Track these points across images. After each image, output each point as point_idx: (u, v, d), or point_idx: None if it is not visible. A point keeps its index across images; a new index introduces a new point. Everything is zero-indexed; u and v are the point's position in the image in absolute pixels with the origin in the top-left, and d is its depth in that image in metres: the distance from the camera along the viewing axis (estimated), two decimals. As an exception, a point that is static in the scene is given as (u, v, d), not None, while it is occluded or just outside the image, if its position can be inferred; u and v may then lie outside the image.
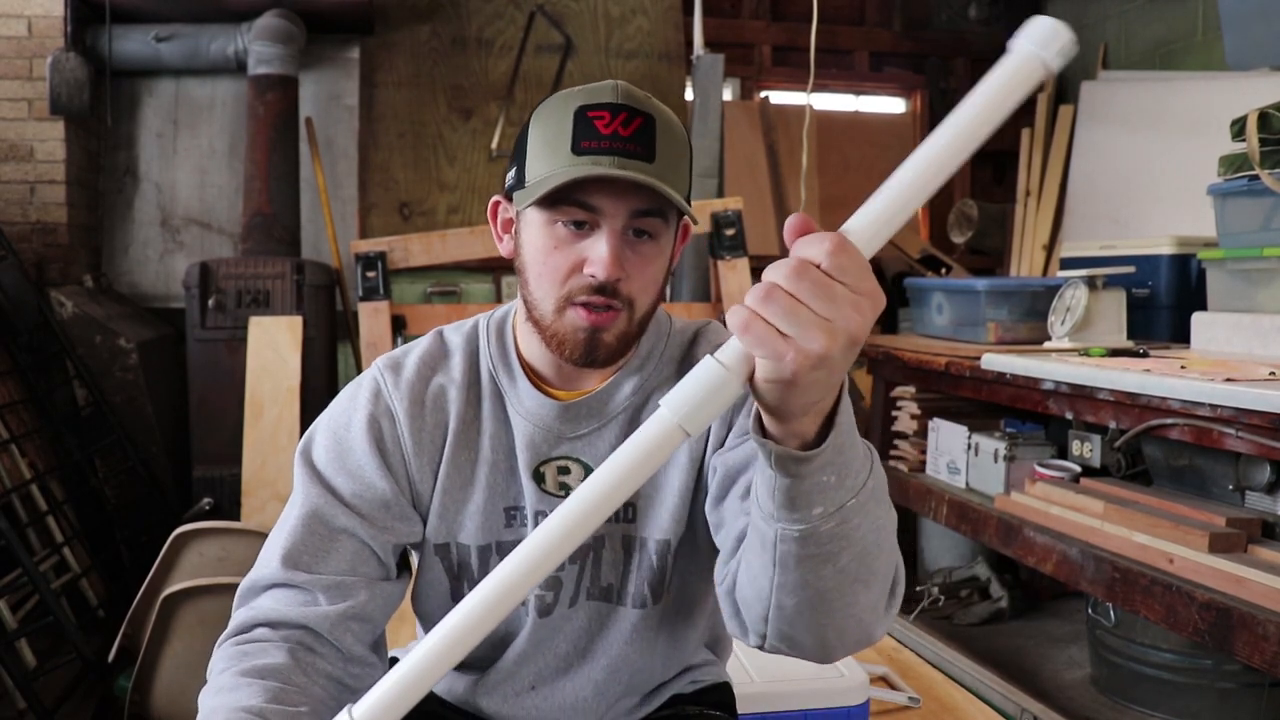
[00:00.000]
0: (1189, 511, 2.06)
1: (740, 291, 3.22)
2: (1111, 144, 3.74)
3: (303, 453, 1.05)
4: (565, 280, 0.96)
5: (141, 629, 2.32)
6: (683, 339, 1.10)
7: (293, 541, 0.99)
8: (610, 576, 1.06)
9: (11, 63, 3.42)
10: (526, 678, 1.09)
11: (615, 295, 0.95)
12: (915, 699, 1.94)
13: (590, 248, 0.95)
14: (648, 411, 1.05)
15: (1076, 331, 2.76)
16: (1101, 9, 4.19)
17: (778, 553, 0.78)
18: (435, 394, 1.05)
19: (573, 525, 0.74)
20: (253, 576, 1.01)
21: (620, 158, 0.92)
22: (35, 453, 2.99)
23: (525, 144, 0.98)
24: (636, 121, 0.94)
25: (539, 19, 4.00)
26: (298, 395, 3.01)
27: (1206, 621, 1.83)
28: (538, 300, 0.98)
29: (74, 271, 3.47)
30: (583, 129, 0.93)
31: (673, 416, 0.70)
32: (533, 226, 0.97)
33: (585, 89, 0.97)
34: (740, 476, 0.96)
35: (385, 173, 3.88)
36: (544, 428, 1.04)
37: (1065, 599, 3.30)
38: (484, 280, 3.92)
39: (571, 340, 0.96)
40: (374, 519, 1.01)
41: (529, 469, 1.04)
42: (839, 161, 4.42)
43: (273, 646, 0.95)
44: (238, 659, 0.94)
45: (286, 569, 0.98)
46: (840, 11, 4.45)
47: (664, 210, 0.96)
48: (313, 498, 1.01)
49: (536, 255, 0.97)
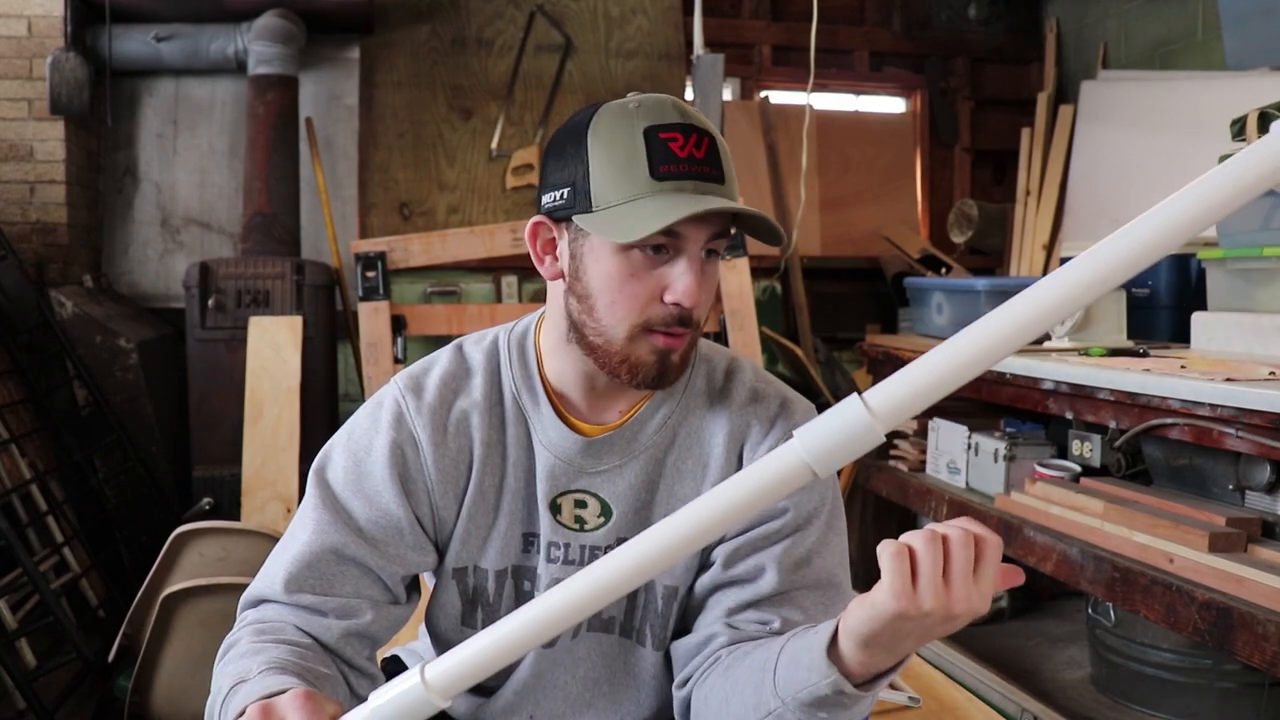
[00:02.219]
0: (1189, 511, 2.06)
1: (741, 291, 3.23)
2: (1111, 144, 3.74)
3: (318, 471, 1.02)
4: (644, 308, 0.94)
5: (141, 629, 2.31)
6: (711, 371, 1.07)
7: (299, 569, 0.97)
8: (613, 610, 1.04)
9: (11, 63, 3.42)
10: (526, 711, 1.07)
11: (689, 322, 0.95)
12: (915, 699, 1.94)
13: (670, 275, 0.93)
14: (674, 451, 1.03)
15: (1076, 331, 2.76)
16: (1101, 9, 4.18)
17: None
18: (459, 419, 1.02)
19: (670, 545, 0.73)
20: (258, 589, 0.99)
21: (699, 181, 0.91)
22: (35, 453, 2.99)
23: (584, 164, 0.92)
24: (706, 142, 0.92)
25: (539, 19, 4.00)
26: (298, 395, 3.01)
27: (1206, 621, 1.83)
28: (607, 327, 0.95)
29: (74, 271, 3.47)
30: (659, 152, 0.91)
31: (803, 453, 0.68)
32: (602, 253, 0.94)
33: (642, 105, 0.93)
34: (731, 587, 1.00)
35: (385, 173, 3.88)
36: (565, 460, 1.02)
37: (1065, 599, 3.29)
38: (484, 280, 3.92)
39: (645, 365, 0.95)
40: (386, 547, 0.99)
41: (546, 500, 1.02)
42: (839, 161, 4.42)
43: (289, 627, 0.95)
44: (256, 634, 0.92)
45: (290, 593, 0.96)
46: (840, 11, 4.45)
47: (728, 230, 0.96)
48: (324, 525, 0.98)
49: (609, 283, 0.94)
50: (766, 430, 1.04)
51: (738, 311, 3.19)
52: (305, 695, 0.76)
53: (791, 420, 1.04)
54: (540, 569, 1.03)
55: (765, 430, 1.04)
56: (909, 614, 0.74)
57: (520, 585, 1.04)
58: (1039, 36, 4.51)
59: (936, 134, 4.57)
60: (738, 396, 1.05)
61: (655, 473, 1.03)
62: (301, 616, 0.96)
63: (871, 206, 4.44)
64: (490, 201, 3.94)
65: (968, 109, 4.57)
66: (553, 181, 0.96)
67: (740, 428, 1.03)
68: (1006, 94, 4.58)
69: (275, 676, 0.83)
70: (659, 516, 1.02)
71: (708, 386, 1.05)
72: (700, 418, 1.04)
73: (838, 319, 4.29)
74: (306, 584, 0.96)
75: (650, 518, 1.03)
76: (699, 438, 1.04)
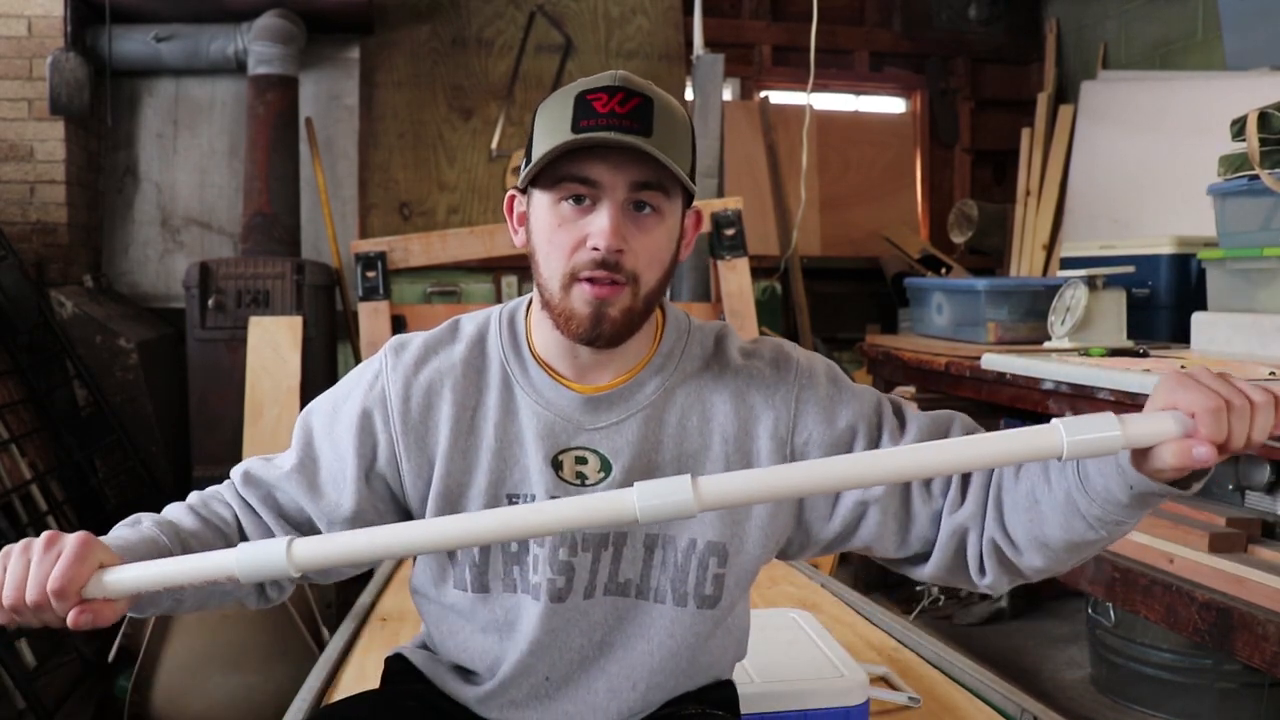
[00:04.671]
0: (1189, 511, 2.06)
1: (740, 291, 3.22)
2: (1111, 144, 3.74)
3: (305, 414, 1.12)
4: (570, 256, 0.98)
5: (141, 629, 2.32)
6: (704, 338, 1.10)
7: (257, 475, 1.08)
8: (629, 572, 1.06)
9: (11, 63, 3.42)
10: (541, 671, 1.08)
11: (619, 269, 0.97)
12: (915, 699, 1.94)
13: (591, 222, 0.97)
14: (671, 409, 1.06)
15: (1076, 331, 2.76)
16: (1101, 9, 4.19)
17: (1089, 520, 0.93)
18: (432, 378, 1.07)
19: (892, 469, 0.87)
20: (235, 470, 1.10)
21: (617, 132, 0.95)
22: (35, 453, 2.99)
23: (531, 133, 1.01)
24: (634, 101, 0.97)
25: (539, 19, 4.00)
26: (298, 395, 3.01)
27: (1206, 621, 1.83)
28: (546, 279, 1.00)
29: (74, 271, 3.47)
30: (582, 109, 0.96)
31: (1065, 436, 0.82)
32: (539, 208, 1.00)
33: (589, 78, 1.00)
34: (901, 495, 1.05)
35: (385, 173, 3.88)
36: (564, 417, 1.05)
37: (1065, 599, 3.29)
38: (484, 280, 3.92)
39: (578, 316, 0.98)
40: (328, 494, 1.06)
41: (547, 457, 1.04)
42: (839, 161, 4.42)
43: (229, 508, 1.08)
44: (199, 499, 1.09)
45: (246, 486, 1.08)
46: (840, 11, 4.45)
47: (663, 183, 0.98)
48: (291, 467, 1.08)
49: (543, 235, 1.00)
50: (772, 378, 1.07)
51: (738, 311, 3.19)
52: (84, 537, 0.89)
53: (790, 361, 1.09)
54: None
55: (772, 378, 1.07)
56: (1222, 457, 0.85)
57: (507, 546, 1.06)
58: (1039, 37, 4.51)
59: (936, 134, 4.57)
60: (733, 356, 1.09)
61: (656, 430, 1.05)
62: (244, 510, 1.08)
63: (871, 206, 4.44)
64: (490, 201, 3.94)
65: (968, 109, 4.57)
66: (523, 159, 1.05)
67: (743, 382, 1.07)
68: (1006, 94, 4.59)
69: (152, 532, 0.99)
70: (667, 472, 1.04)
71: (702, 353, 1.09)
72: (699, 379, 1.07)
73: (838, 319, 4.29)
74: (259, 485, 1.08)
75: (657, 473, 1.04)
76: (700, 396, 1.07)
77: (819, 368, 1.09)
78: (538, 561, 1.04)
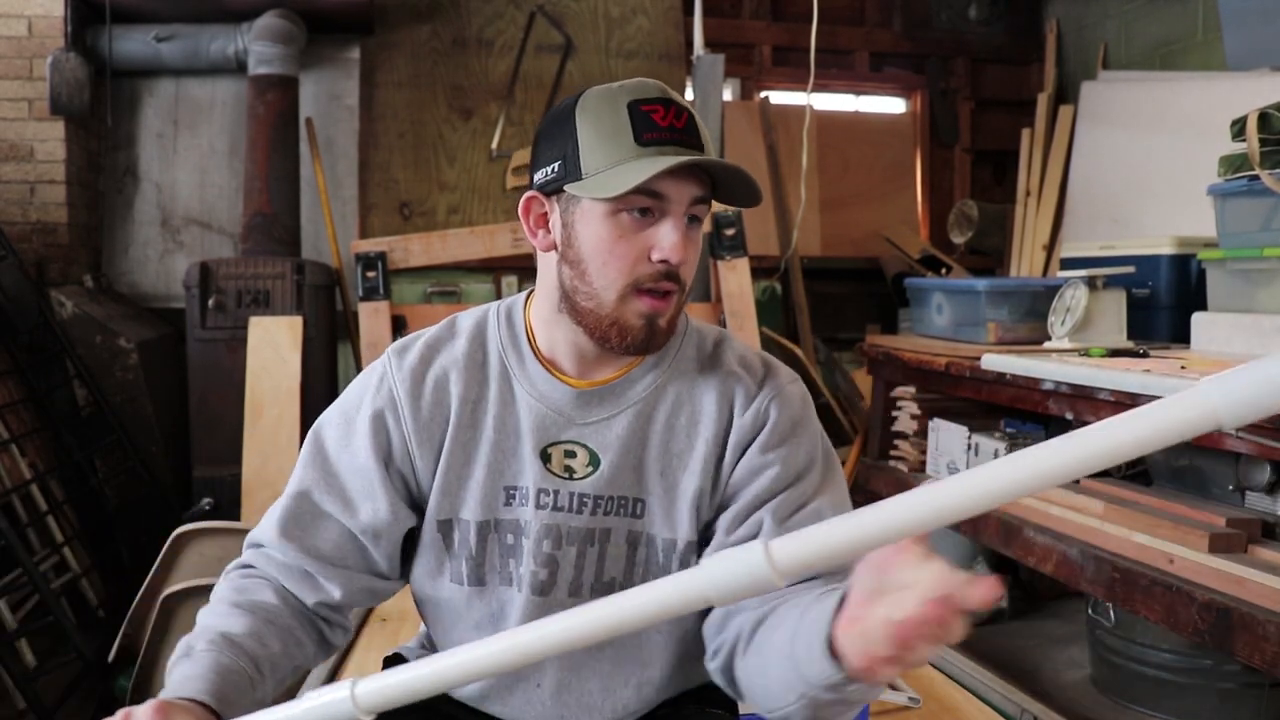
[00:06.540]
0: (1189, 511, 2.06)
1: (741, 291, 3.23)
2: (1111, 144, 3.74)
3: (315, 429, 1.11)
4: (632, 268, 0.99)
5: (141, 629, 2.32)
6: (701, 341, 1.12)
7: (287, 519, 1.07)
8: (614, 570, 1.07)
9: (11, 63, 3.42)
10: (531, 668, 1.08)
11: (676, 279, 1.00)
12: (915, 699, 1.94)
13: (656, 235, 0.99)
14: (661, 406, 1.07)
15: (1076, 332, 2.76)
16: (1101, 9, 4.18)
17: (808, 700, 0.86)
18: (438, 376, 1.09)
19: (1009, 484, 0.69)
20: (257, 535, 1.09)
21: (680, 146, 0.97)
22: (35, 453, 2.99)
23: (573, 138, 0.99)
24: (685, 115, 0.99)
25: (539, 19, 4.00)
26: (298, 395, 3.01)
27: (1206, 621, 1.83)
28: (599, 290, 1.00)
29: (74, 271, 3.47)
30: (641, 122, 0.97)
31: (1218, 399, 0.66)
32: (592, 217, 1.00)
33: (624, 86, 1.00)
34: None
35: (385, 173, 3.88)
36: (555, 410, 1.06)
37: (1065, 599, 3.29)
38: (484, 280, 3.92)
39: (633, 328, 1.00)
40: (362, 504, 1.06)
41: (536, 449, 1.06)
42: (839, 161, 4.42)
43: (267, 588, 1.06)
44: (236, 591, 1.05)
45: (281, 542, 1.06)
46: (840, 11, 4.44)
47: (709, 198, 1.02)
48: (308, 481, 1.08)
49: (601, 245, 0.99)
50: (755, 391, 1.08)
51: (738, 312, 3.19)
52: (158, 707, 0.86)
53: (777, 382, 1.09)
54: (529, 517, 1.06)
55: (754, 391, 1.08)
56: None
57: (504, 538, 1.07)
58: (1039, 37, 4.51)
59: (936, 134, 4.57)
60: (727, 362, 1.10)
61: (645, 427, 1.07)
62: (285, 573, 1.06)
63: (871, 206, 4.44)
64: (490, 201, 3.94)
65: (968, 109, 4.57)
66: (544, 159, 1.03)
67: (730, 389, 1.08)
68: (1006, 94, 4.58)
69: (211, 656, 0.95)
70: (651, 470, 1.06)
71: (698, 354, 1.10)
72: (691, 379, 1.09)
73: (838, 319, 4.29)
74: (293, 535, 1.06)
75: (642, 471, 1.06)
76: (690, 396, 1.08)
77: (795, 399, 1.09)
78: (523, 553, 1.06)
